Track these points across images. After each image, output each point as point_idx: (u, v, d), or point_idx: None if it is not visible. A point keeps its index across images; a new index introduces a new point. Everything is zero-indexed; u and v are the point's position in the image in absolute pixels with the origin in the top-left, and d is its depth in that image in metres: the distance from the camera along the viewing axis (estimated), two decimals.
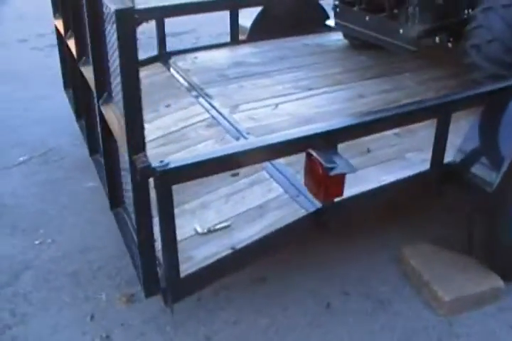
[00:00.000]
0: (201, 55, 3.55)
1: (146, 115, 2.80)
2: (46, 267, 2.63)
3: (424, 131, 2.47)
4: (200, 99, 2.96)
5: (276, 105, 2.88)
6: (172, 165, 1.59)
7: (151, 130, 2.78)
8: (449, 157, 2.30)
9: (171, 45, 4.75)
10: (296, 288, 2.49)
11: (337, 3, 3.24)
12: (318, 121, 2.57)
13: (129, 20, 1.41)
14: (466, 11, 2.93)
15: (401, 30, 2.84)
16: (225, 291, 2.48)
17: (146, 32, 4.53)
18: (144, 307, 2.38)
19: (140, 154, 1.52)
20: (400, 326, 2.29)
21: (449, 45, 3.08)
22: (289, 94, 3.00)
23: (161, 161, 1.58)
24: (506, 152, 2.17)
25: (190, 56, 3.52)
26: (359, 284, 2.52)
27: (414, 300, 2.42)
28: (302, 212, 2.05)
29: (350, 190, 2.15)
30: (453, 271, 2.47)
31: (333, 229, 2.13)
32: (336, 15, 3.30)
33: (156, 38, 3.51)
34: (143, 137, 1.54)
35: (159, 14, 3.30)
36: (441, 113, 2.13)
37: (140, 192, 1.58)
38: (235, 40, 3.64)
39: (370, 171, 2.33)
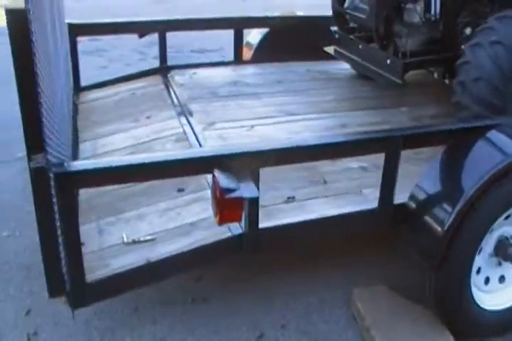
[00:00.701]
0: (201, 72, 3.66)
1: (126, 124, 3.03)
2: (3, 258, 2.76)
3: None
4: (181, 114, 3.05)
5: (252, 127, 2.91)
6: (72, 168, 1.66)
7: (124, 139, 2.90)
8: None
9: (196, 61, 4.91)
10: (235, 313, 2.47)
11: (336, 29, 3.26)
12: None
13: (20, 20, 1.47)
14: (462, 46, 2.87)
15: (388, 61, 2.81)
16: (163, 306, 2.51)
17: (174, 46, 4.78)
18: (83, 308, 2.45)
19: (39, 154, 1.59)
20: None
21: (446, 81, 3.02)
22: (269, 117, 3.03)
23: (61, 163, 1.65)
24: (462, 193, 2.05)
25: (190, 71, 3.64)
26: (301, 319, 2.47)
27: None
28: (226, 235, 2.06)
29: (287, 220, 2.16)
30: (400, 320, 2.36)
31: (259, 255, 2.12)
32: (335, 42, 3.31)
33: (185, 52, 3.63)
34: (42, 136, 1.58)
35: (161, 28, 3.45)
36: (387, 147, 2.06)
37: (38, 193, 1.64)
38: (238, 60, 3.73)
39: (317, 203, 2.30)
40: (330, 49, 3.35)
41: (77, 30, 3.29)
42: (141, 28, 3.44)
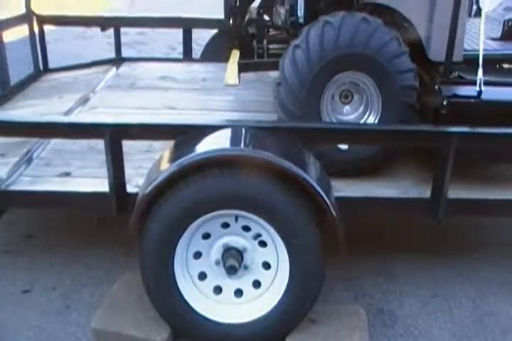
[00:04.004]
0: (147, 65, 4.12)
1: (41, 101, 3.63)
2: None
3: None
4: (82, 98, 3.53)
5: (120, 114, 3.25)
6: None
7: (26, 113, 3.48)
8: None
9: None
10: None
11: None
12: None
13: None
14: None
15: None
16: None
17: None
18: None
19: None
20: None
21: None
22: (146, 109, 3.34)
23: None
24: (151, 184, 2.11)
25: (137, 64, 4.10)
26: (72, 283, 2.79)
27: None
28: None
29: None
30: (133, 306, 2.45)
31: None
32: None
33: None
34: None
35: (116, 23, 3.96)
36: (106, 135, 2.24)
37: None
38: (187, 57, 4.06)
39: (84, 181, 2.60)
40: None
41: (43, 20, 3.99)
42: (98, 22, 4.00)
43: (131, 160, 2.69)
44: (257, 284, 2.34)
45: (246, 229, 2.25)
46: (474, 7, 4.39)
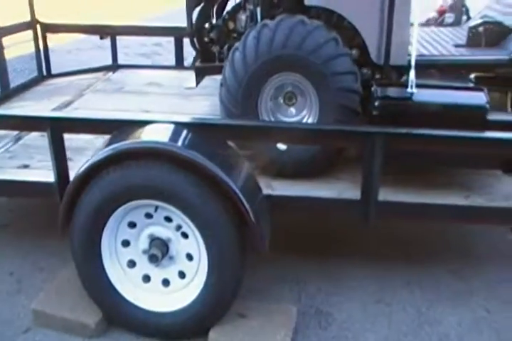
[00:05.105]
0: (138, 72, 4.33)
1: (32, 102, 3.88)
2: None
3: None
4: (68, 100, 3.76)
5: None
6: None
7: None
8: None
9: None
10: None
11: None
12: None
13: None
14: None
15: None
16: None
17: None
18: None
19: None
20: None
21: None
22: (123, 111, 3.51)
23: None
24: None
25: (131, 71, 4.32)
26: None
27: None
28: None
29: None
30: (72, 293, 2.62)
31: None
32: None
33: None
34: None
35: (112, 31, 4.20)
36: (49, 129, 2.40)
37: None
38: (179, 65, 4.25)
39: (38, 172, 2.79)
40: None
41: (47, 28, 4.29)
42: (96, 30, 4.26)
43: (88, 155, 2.93)
44: (182, 275, 2.45)
45: (168, 220, 2.37)
46: (464, 17, 4.43)
